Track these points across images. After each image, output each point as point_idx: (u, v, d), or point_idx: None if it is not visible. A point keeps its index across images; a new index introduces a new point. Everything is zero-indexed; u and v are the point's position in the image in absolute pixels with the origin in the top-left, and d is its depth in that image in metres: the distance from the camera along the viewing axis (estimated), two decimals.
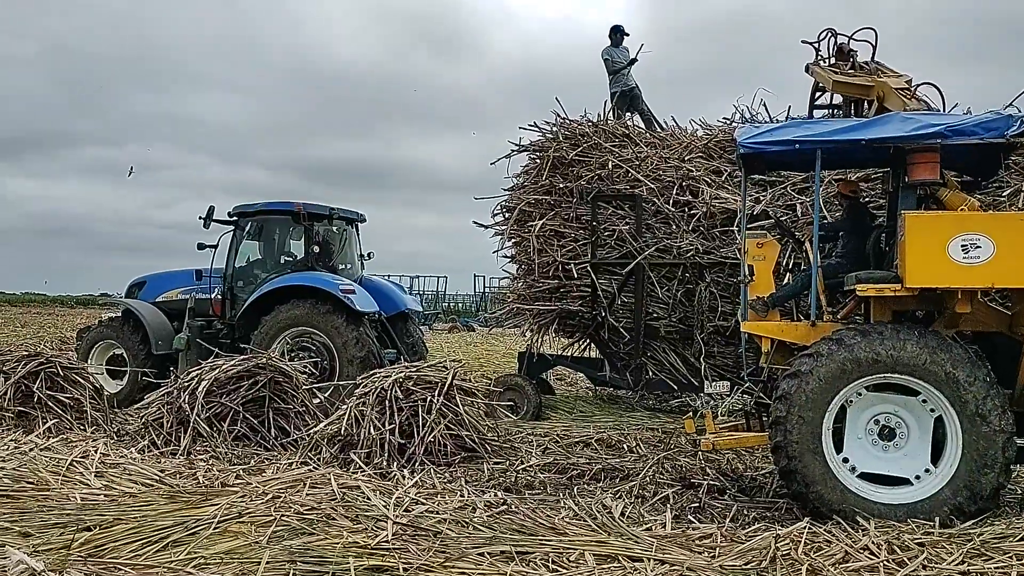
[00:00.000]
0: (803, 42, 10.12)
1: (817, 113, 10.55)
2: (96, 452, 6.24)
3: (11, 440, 6.53)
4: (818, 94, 10.38)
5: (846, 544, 4.69)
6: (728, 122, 10.85)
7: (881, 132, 5.90)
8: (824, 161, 6.16)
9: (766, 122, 10.44)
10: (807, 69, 10.16)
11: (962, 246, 5.35)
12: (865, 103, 9.64)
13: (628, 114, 11.64)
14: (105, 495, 5.26)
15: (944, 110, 8.64)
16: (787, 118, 10.46)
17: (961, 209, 5.79)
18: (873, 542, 4.70)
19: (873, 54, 9.71)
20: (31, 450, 6.21)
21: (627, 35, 12.02)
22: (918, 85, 8.78)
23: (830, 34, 9.91)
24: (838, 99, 10.30)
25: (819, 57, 10.04)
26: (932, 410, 5.52)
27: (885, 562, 4.40)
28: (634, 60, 11.78)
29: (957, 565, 4.38)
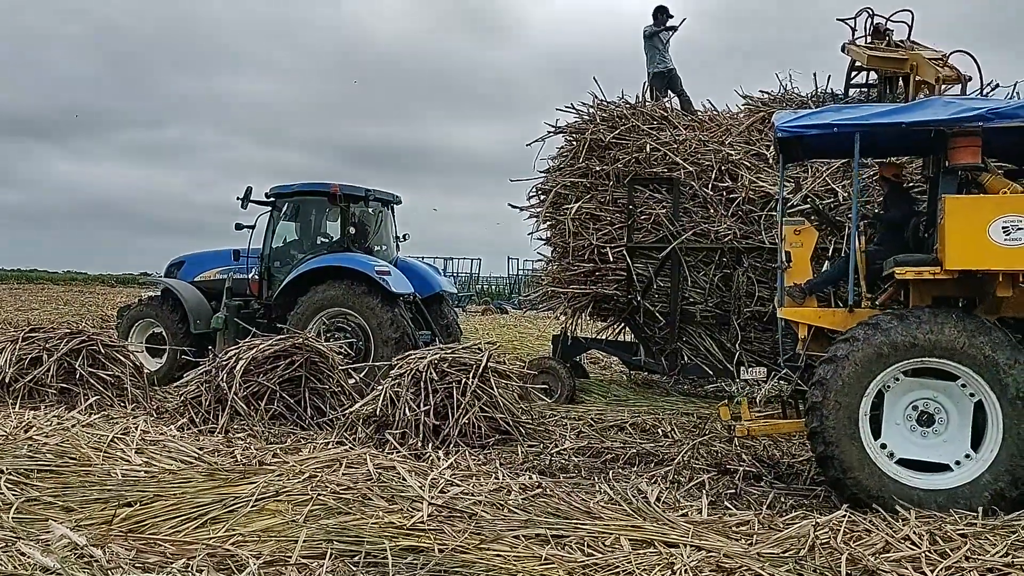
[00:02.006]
0: (838, 20, 10.03)
1: (852, 92, 10.41)
2: (136, 429, 6.34)
3: (54, 416, 6.65)
4: (854, 73, 10.27)
5: (886, 533, 4.63)
6: (768, 95, 10.73)
7: (921, 116, 5.79)
8: (863, 147, 6.06)
9: (804, 99, 10.35)
10: (843, 48, 10.02)
11: (1003, 228, 5.25)
12: (899, 79, 9.51)
13: (667, 96, 11.50)
14: (145, 471, 5.34)
15: (981, 76, 8.54)
16: (815, 90, 10.38)
17: (1003, 193, 5.67)
18: (914, 532, 4.63)
19: (909, 34, 9.58)
20: (73, 426, 6.32)
21: (671, 16, 11.86)
22: (951, 53, 8.67)
23: (867, 14, 9.78)
24: (874, 79, 10.20)
25: (855, 36, 9.92)
26: (972, 395, 5.43)
27: (927, 553, 4.33)
28: (675, 28, 11.62)
29: (1001, 557, 4.30)
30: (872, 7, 9.83)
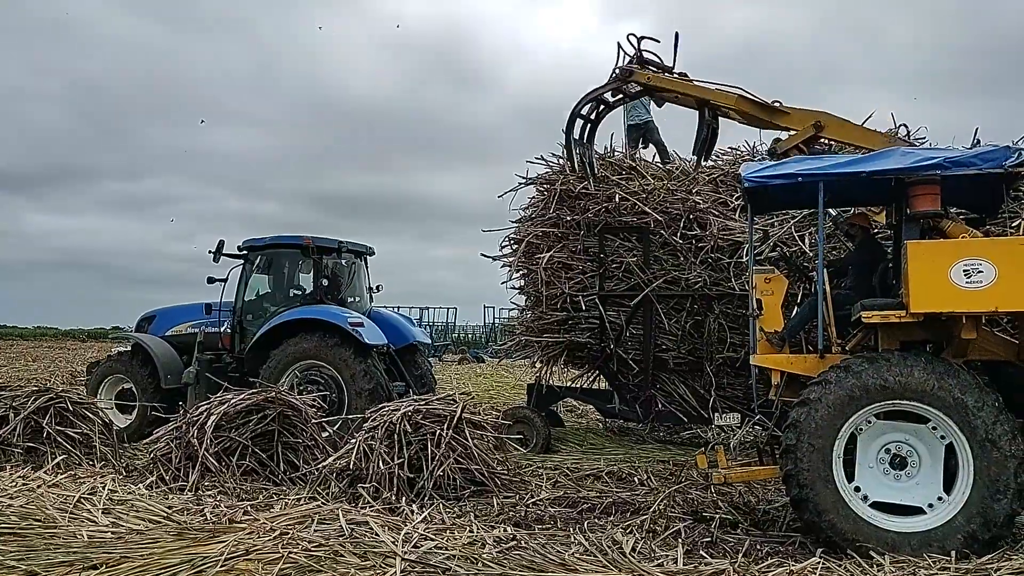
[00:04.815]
0: (632, 36, 8.86)
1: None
2: (104, 488, 6.22)
3: (19, 476, 6.51)
4: (615, 97, 9.04)
5: None
6: (734, 151, 10.90)
7: (882, 165, 5.96)
8: (828, 197, 6.20)
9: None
10: (623, 74, 8.75)
11: (964, 271, 5.38)
12: (707, 114, 8.47)
13: (641, 146, 11.66)
14: (112, 532, 5.23)
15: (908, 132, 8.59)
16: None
17: (962, 237, 5.81)
18: None
19: (674, 61, 8.87)
20: (39, 487, 6.19)
21: None
22: (899, 126, 8.42)
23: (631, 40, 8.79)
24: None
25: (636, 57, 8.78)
26: (942, 437, 5.50)
27: None
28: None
29: None
30: (635, 32, 9.03)
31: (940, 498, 5.48)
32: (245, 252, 11.46)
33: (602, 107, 9.09)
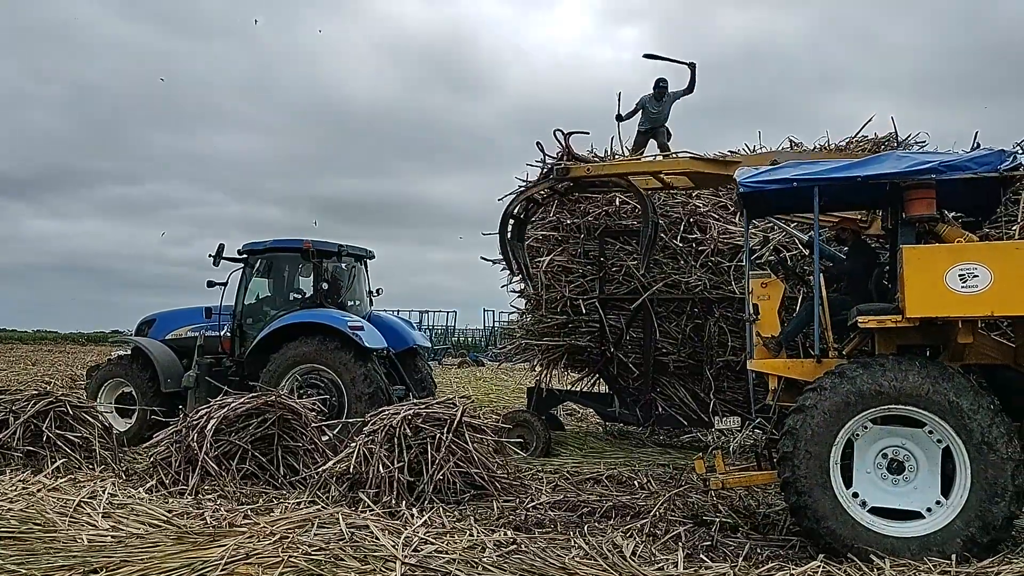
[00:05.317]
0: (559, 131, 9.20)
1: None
2: (104, 492, 6.24)
3: (19, 480, 6.53)
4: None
5: None
6: (734, 155, 10.89)
7: (877, 169, 5.97)
8: (824, 201, 6.20)
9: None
10: (558, 171, 9.03)
11: (960, 275, 5.38)
12: (650, 210, 8.86)
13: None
14: (112, 536, 5.24)
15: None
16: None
17: (958, 242, 5.81)
18: None
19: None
20: (39, 491, 6.21)
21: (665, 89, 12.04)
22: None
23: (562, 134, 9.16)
24: None
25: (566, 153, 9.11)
26: (939, 441, 5.51)
27: None
28: (620, 117, 11.71)
29: None
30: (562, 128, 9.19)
31: (938, 502, 5.49)
32: (245, 256, 11.47)
33: (531, 205, 9.21)
